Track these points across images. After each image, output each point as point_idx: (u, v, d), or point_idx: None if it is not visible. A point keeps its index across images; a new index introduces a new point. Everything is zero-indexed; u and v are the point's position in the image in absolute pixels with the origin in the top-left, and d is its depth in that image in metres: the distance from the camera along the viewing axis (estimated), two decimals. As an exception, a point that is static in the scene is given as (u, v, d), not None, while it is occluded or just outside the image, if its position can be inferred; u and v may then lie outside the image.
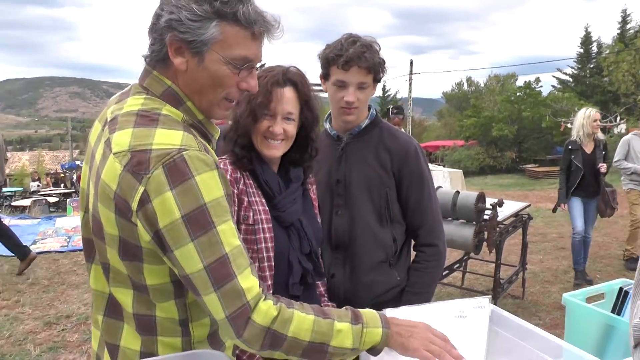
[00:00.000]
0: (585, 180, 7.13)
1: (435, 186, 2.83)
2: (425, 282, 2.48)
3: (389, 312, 1.59)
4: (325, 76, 2.41)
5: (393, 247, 2.46)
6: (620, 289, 2.03)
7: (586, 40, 45.73)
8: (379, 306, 1.67)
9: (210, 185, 1.35)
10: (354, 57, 2.27)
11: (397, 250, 2.48)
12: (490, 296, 1.77)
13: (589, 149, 7.17)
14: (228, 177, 1.97)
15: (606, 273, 7.60)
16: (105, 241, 1.43)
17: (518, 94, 45.18)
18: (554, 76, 47.63)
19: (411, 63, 38.75)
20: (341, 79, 2.32)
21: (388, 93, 64.72)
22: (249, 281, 1.37)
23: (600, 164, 7.08)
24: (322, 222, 2.42)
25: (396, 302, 2.40)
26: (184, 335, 1.51)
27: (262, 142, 2.05)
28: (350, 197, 2.44)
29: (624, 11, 44.18)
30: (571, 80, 46.02)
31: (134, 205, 1.31)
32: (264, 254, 1.99)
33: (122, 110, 1.44)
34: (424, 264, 2.48)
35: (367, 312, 1.52)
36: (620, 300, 2.00)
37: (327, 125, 2.56)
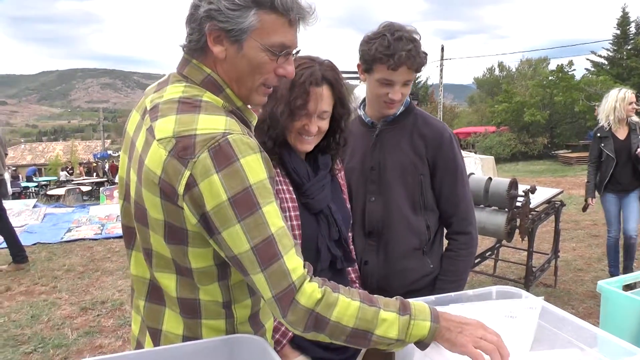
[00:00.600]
0: (620, 171, 6.30)
1: (467, 173, 2.82)
2: (459, 269, 2.48)
3: (440, 309, 1.54)
4: (368, 70, 2.37)
5: (426, 235, 2.45)
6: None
7: (623, 21, 44.51)
8: (411, 294, 1.68)
9: (255, 167, 1.37)
10: (403, 58, 2.24)
11: (431, 238, 2.48)
12: (543, 297, 1.74)
13: (622, 134, 6.32)
14: None
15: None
16: (150, 226, 1.46)
17: (550, 78, 44.45)
18: (588, 59, 46.62)
19: (442, 49, 38.45)
20: (388, 77, 2.30)
21: (419, 79, 64.20)
22: (294, 261, 1.39)
23: (639, 150, 6.15)
24: (355, 208, 2.45)
25: (429, 290, 2.41)
26: (227, 317, 1.55)
27: (296, 138, 2.08)
28: (385, 183, 2.45)
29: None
30: (606, 62, 44.98)
31: (181, 189, 1.34)
32: None
33: (163, 98, 1.48)
34: (457, 251, 2.48)
35: (417, 304, 1.49)
36: (658, 287, 1.97)
37: (362, 112, 2.57)
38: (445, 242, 2.57)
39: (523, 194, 5.70)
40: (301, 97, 2.01)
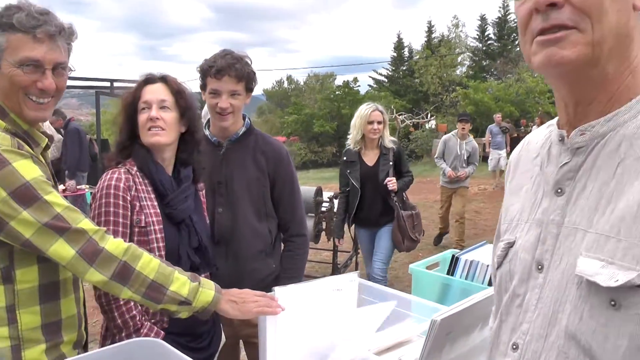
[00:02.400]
0: (368, 202, 5.27)
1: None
2: (298, 267, 2.94)
3: (278, 290, 1.96)
4: (203, 87, 2.73)
5: (269, 239, 2.85)
6: (453, 256, 2.63)
7: (399, 45, 49.08)
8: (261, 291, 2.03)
9: (28, 168, 1.66)
10: (225, 66, 2.60)
11: (272, 242, 2.88)
12: (358, 271, 2.25)
13: (370, 159, 5.27)
14: (122, 184, 2.13)
15: (427, 251, 8.43)
16: None
17: (337, 92, 47.34)
18: (370, 76, 50.51)
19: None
20: (215, 87, 2.65)
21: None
22: (87, 224, 1.70)
23: (388, 179, 5.10)
24: None
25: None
26: (10, 323, 1.69)
27: (146, 133, 2.22)
28: (232, 196, 2.77)
29: (429, 22, 48.46)
30: (386, 80, 49.16)
31: None
32: (156, 253, 2.14)
33: None
34: (295, 251, 2.93)
35: (204, 279, 1.91)
36: (453, 265, 2.60)
37: (207, 132, 2.86)
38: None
39: (328, 199, 6.39)
40: (134, 92, 2.26)
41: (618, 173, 0.96)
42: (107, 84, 13.71)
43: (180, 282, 1.81)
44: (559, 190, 1.05)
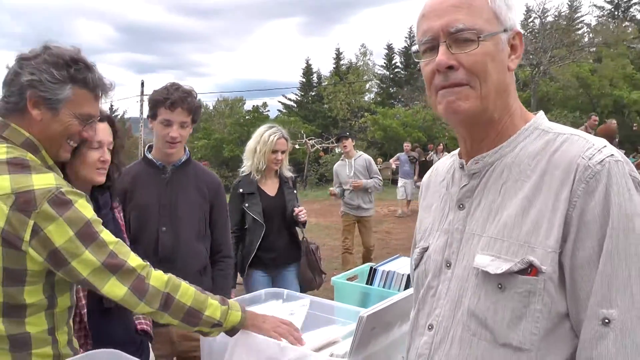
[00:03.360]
0: (271, 239, 4.34)
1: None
2: (228, 284, 3.24)
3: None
4: (153, 116, 2.94)
5: (205, 259, 3.10)
6: (371, 268, 2.90)
7: (308, 71, 50.10)
8: None
9: (86, 207, 1.80)
10: (178, 100, 2.84)
11: (206, 262, 3.12)
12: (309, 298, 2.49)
13: (271, 189, 4.46)
14: None
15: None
16: None
17: (247, 117, 47.58)
18: (279, 101, 51.13)
19: (142, 84, 38.59)
20: (168, 118, 2.87)
21: (116, 113, 62.80)
22: (134, 259, 1.84)
23: (298, 209, 4.42)
24: (148, 238, 2.92)
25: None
26: (53, 343, 1.83)
27: (94, 172, 2.28)
28: (175, 217, 2.98)
29: (338, 49, 49.77)
30: (295, 105, 49.85)
31: (27, 237, 1.66)
32: None
33: None
34: (227, 270, 3.22)
35: (231, 301, 2.06)
36: (371, 276, 2.87)
37: (150, 156, 3.06)
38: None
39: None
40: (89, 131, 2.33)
41: (502, 192, 1.29)
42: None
43: (214, 307, 1.95)
44: (461, 206, 1.39)
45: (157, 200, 2.96)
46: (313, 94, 49.17)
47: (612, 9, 42.90)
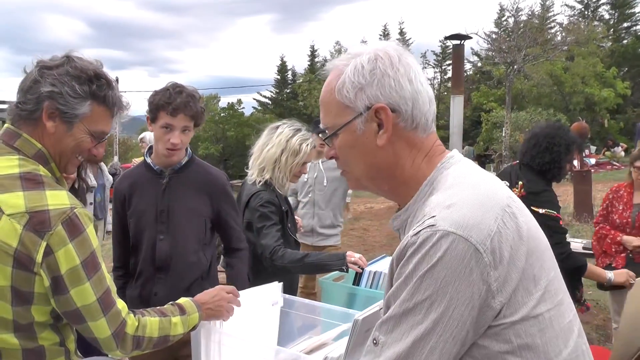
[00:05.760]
0: None
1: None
2: (244, 272, 3.11)
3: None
4: (153, 120, 2.78)
5: (206, 266, 2.95)
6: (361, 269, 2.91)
7: (282, 68, 50.04)
8: None
9: (93, 233, 1.76)
10: (181, 105, 2.70)
11: (208, 268, 2.98)
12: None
13: None
14: None
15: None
16: None
17: (222, 114, 47.30)
18: (254, 98, 50.94)
19: (117, 80, 38.10)
20: (169, 122, 2.72)
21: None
22: (120, 302, 1.83)
23: (299, 220, 4.39)
24: (146, 246, 2.84)
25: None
26: (65, 353, 1.84)
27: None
28: (173, 224, 2.85)
29: (312, 47, 49.78)
30: (270, 102, 49.73)
31: (39, 258, 1.61)
32: None
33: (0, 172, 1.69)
34: (244, 260, 3.11)
35: (186, 303, 2.06)
36: (358, 277, 2.88)
37: (149, 160, 2.93)
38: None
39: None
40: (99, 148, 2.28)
41: None
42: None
43: (178, 325, 1.96)
44: None
45: (154, 207, 2.86)
46: (288, 91, 49.13)
47: (582, 9, 43.63)
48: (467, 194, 1.23)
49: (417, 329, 1.15)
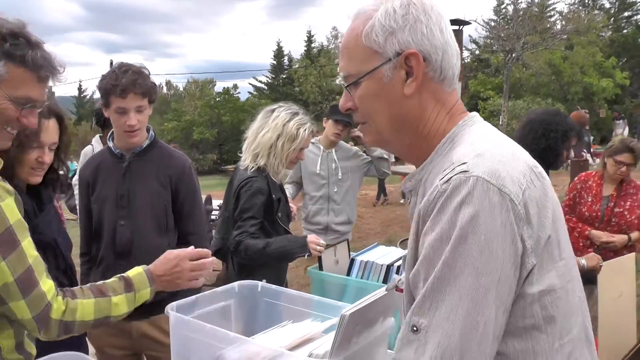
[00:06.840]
0: None
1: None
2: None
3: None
4: (106, 105, 2.66)
5: None
6: (352, 259, 2.79)
7: (279, 53, 49.73)
8: (158, 303, 2.06)
9: (12, 207, 1.61)
10: (129, 85, 2.56)
11: None
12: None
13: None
14: None
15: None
16: None
17: (217, 99, 47.07)
18: (250, 83, 50.74)
19: (111, 63, 37.89)
20: (121, 105, 2.60)
21: (85, 93, 61.64)
22: (47, 283, 1.69)
23: (294, 209, 3.77)
24: (107, 232, 2.72)
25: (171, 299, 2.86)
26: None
27: (29, 172, 2.20)
28: (133, 209, 2.74)
29: (309, 32, 49.47)
30: (266, 88, 49.50)
31: None
32: None
33: None
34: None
35: (137, 277, 1.93)
36: (349, 266, 2.76)
37: (111, 144, 2.82)
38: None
39: (218, 207, 6.40)
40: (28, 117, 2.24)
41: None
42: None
43: (119, 305, 1.84)
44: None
45: (115, 192, 2.74)
46: (284, 76, 48.96)
47: (583, -3, 43.39)
48: (494, 149, 1.16)
49: (467, 300, 1.02)
